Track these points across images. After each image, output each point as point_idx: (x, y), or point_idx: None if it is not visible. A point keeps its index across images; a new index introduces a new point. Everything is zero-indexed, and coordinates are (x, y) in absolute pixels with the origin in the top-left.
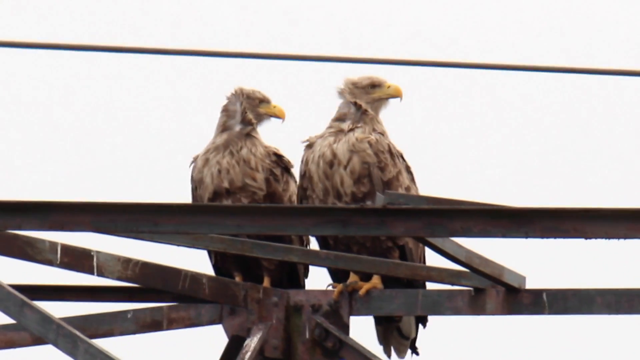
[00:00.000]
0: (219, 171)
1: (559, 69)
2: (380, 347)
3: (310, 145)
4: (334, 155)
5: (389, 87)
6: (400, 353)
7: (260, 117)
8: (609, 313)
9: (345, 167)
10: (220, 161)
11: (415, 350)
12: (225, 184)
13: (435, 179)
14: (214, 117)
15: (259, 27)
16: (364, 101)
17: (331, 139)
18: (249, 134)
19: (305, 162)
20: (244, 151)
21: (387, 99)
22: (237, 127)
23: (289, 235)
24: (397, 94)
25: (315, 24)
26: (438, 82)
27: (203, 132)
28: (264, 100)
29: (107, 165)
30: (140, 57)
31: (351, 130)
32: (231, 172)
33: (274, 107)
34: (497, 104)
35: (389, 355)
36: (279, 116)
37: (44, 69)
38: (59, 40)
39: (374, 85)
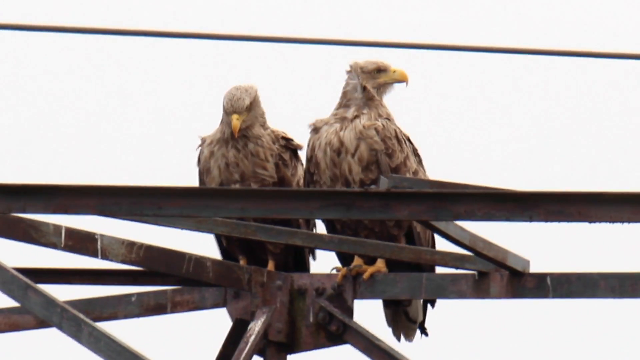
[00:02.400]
0: (227, 164)
1: (564, 53)
2: (385, 331)
3: (316, 130)
4: (341, 143)
5: (394, 71)
6: (409, 337)
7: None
8: (613, 297)
9: (352, 155)
10: (226, 154)
11: (424, 332)
12: (236, 177)
13: (439, 162)
14: (219, 100)
15: (267, 10)
16: (370, 86)
17: (337, 125)
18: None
19: (311, 148)
20: (251, 145)
21: (392, 83)
22: (226, 134)
23: (297, 220)
24: (402, 79)
25: (319, 6)
26: (443, 66)
27: (207, 114)
28: (228, 113)
29: (111, 148)
30: (143, 39)
31: (356, 117)
32: (241, 165)
33: (236, 121)
34: (502, 88)
35: (398, 338)
36: (234, 130)
37: (49, 52)
38: (63, 23)
39: (380, 69)
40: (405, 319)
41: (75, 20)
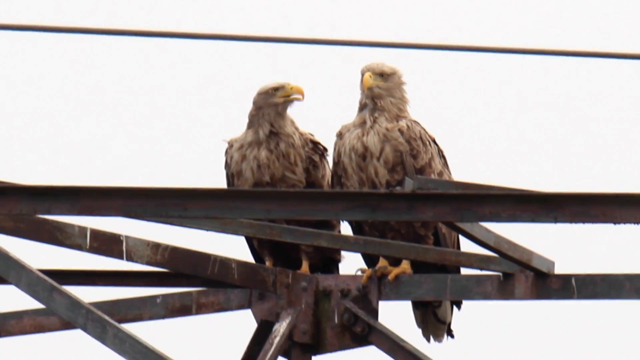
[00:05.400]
0: (259, 166)
1: (588, 54)
2: (410, 332)
3: (340, 136)
4: (366, 148)
5: (291, 87)
6: (438, 337)
7: (281, 106)
8: (638, 298)
9: (378, 158)
10: (258, 156)
11: (450, 333)
12: (267, 178)
13: (464, 164)
14: (243, 102)
15: (288, 11)
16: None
17: (359, 130)
18: (275, 132)
19: (337, 152)
20: (283, 145)
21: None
22: (261, 135)
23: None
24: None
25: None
26: (468, 66)
27: (232, 116)
28: (278, 88)
29: (137, 149)
30: (170, 41)
31: (374, 121)
32: (272, 167)
33: (291, 87)
34: (527, 89)
35: (428, 339)
36: (298, 93)
37: (73, 53)
38: (84, 24)
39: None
40: (434, 319)
41: (101, 22)
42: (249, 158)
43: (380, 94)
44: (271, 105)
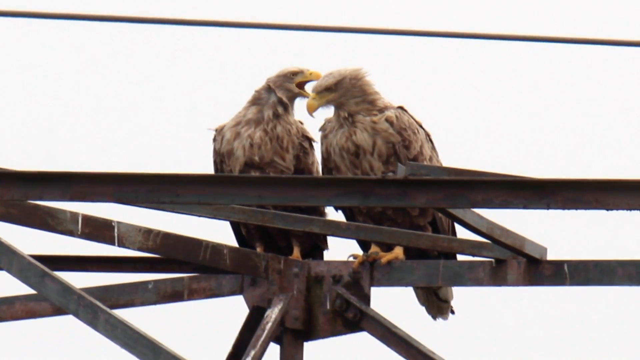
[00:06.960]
0: (251, 145)
1: (579, 40)
2: (402, 318)
3: (324, 129)
4: (357, 146)
5: (310, 73)
6: (443, 315)
7: (295, 93)
8: (630, 284)
9: (371, 154)
10: (252, 135)
11: (451, 310)
12: (256, 159)
13: (457, 150)
14: (235, 89)
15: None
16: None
17: (344, 130)
18: (278, 115)
19: (326, 149)
20: (279, 129)
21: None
22: (271, 100)
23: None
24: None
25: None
26: (460, 53)
27: (224, 103)
28: (297, 73)
29: (129, 135)
30: (162, 28)
31: (353, 122)
32: (263, 148)
33: (310, 73)
34: (520, 75)
35: (433, 317)
36: (317, 79)
37: (68, 41)
38: (79, 10)
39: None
40: (436, 299)
41: (92, 8)
42: (242, 136)
43: (340, 104)
44: (286, 90)
